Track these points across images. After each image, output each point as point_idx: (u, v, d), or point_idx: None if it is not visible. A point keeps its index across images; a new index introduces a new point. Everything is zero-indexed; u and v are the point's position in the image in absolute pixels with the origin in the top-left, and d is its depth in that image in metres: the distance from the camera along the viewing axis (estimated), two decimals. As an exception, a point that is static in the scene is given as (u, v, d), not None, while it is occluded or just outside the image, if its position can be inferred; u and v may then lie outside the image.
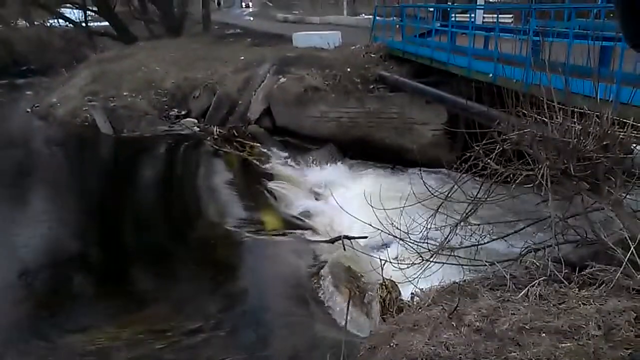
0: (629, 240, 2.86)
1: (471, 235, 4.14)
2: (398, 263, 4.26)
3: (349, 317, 5.02)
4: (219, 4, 59.93)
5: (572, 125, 3.51)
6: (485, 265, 3.63)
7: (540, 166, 3.46)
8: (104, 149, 11.88)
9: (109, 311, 5.42)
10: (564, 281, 2.91)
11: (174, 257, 6.63)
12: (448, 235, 4.10)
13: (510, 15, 15.43)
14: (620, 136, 3.47)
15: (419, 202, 4.45)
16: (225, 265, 6.53)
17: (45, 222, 7.64)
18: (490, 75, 7.95)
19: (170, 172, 10.51)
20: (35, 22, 25.60)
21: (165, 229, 7.60)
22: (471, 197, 4.13)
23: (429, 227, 4.25)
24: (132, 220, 7.87)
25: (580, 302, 2.55)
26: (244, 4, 58.81)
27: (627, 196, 3.61)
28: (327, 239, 7.07)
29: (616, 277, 2.70)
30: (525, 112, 3.81)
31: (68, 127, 12.66)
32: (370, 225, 4.44)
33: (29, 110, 14.64)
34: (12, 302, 5.60)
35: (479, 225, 4.21)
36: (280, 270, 6.30)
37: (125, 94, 13.31)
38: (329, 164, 10.80)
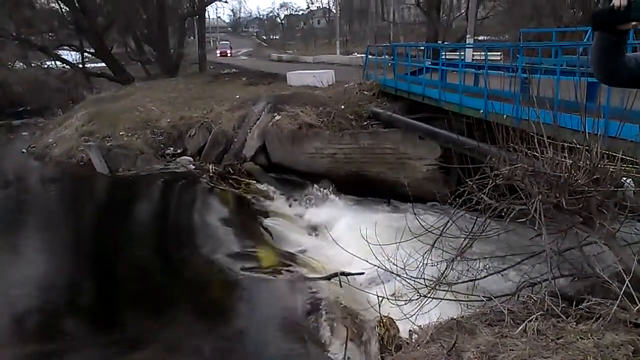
0: (624, 273, 2.87)
1: (467, 270, 4.14)
2: (395, 299, 4.24)
3: (347, 356, 4.94)
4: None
5: (563, 159, 3.57)
6: (483, 300, 3.63)
7: (533, 200, 3.50)
8: (100, 188, 11.86)
9: (102, 353, 5.31)
10: (562, 315, 2.90)
11: (168, 296, 6.54)
12: (445, 271, 4.10)
13: (499, 53, 15.85)
14: (611, 170, 3.52)
15: (415, 237, 4.46)
16: (221, 304, 6.45)
17: (38, 263, 7.56)
18: (481, 111, 8.09)
19: (166, 210, 10.48)
20: (33, 64, 25.91)
21: (160, 267, 7.54)
22: (466, 232, 4.15)
23: (425, 262, 4.25)
24: (127, 259, 7.79)
25: (578, 337, 2.54)
26: (219, 52, 47.94)
27: (621, 229, 3.64)
28: (324, 275, 7.01)
29: (612, 311, 2.70)
30: (516, 146, 3.88)
31: (64, 167, 12.65)
32: (367, 261, 4.43)
33: (24, 150, 14.66)
34: (2, 345, 5.48)
35: (475, 260, 4.21)
36: (276, 309, 6.22)
37: (121, 133, 13.38)
38: (324, 200, 10.82)
